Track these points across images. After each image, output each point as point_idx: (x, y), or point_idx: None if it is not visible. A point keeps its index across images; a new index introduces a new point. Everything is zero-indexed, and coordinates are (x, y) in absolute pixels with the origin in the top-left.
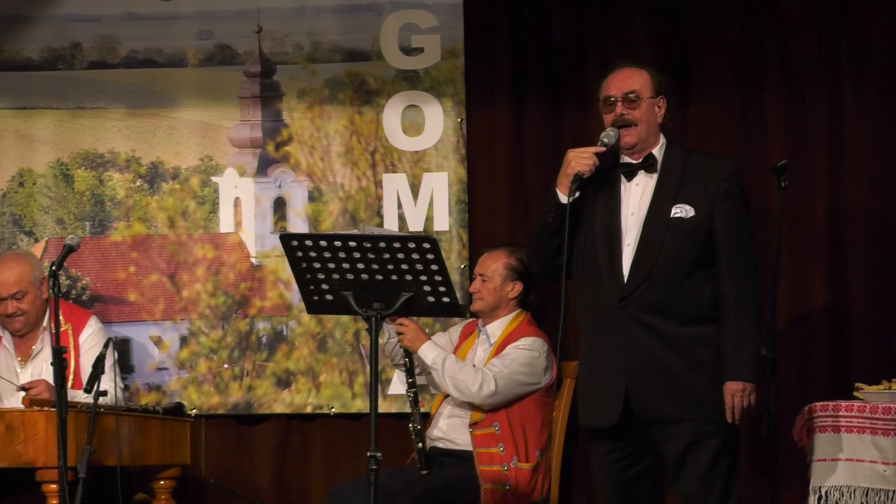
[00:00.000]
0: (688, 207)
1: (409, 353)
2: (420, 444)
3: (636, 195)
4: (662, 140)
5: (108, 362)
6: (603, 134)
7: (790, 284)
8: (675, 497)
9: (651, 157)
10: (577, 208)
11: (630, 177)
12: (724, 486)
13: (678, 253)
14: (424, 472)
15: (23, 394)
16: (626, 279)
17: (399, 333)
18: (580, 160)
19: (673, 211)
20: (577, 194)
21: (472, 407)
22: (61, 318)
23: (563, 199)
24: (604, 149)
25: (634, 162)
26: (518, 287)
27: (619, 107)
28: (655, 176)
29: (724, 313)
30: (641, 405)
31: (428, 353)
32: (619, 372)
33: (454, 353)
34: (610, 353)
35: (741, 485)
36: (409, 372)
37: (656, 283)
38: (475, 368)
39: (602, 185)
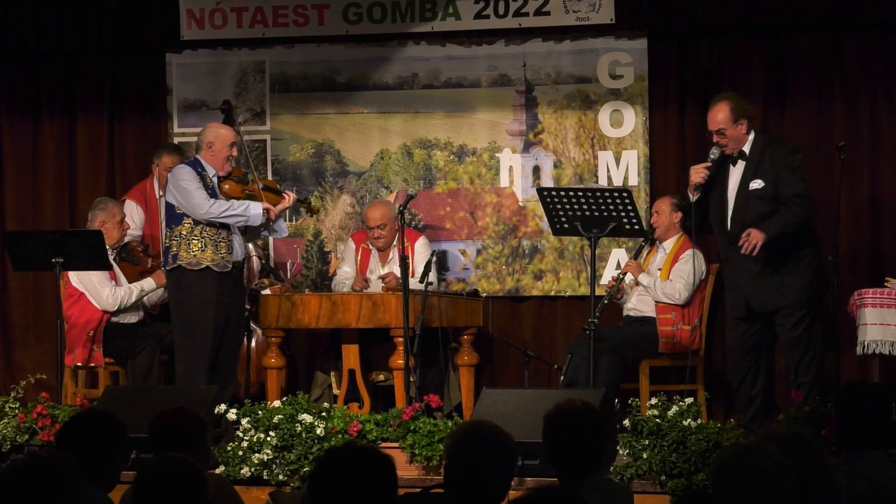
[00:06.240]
0: (760, 181)
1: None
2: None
3: (735, 175)
4: (752, 137)
5: (433, 266)
6: (710, 151)
7: (846, 219)
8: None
9: (742, 151)
10: (710, 184)
11: (734, 164)
12: (814, 347)
13: (758, 212)
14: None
15: (381, 284)
16: (729, 229)
17: (626, 266)
18: (695, 174)
19: (751, 185)
20: (700, 194)
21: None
22: (406, 238)
23: (692, 198)
24: (710, 164)
25: (735, 155)
26: (679, 215)
27: (715, 136)
28: (744, 163)
29: (778, 215)
30: (756, 303)
31: (644, 278)
32: (739, 285)
33: (645, 259)
34: (732, 274)
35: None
36: (618, 281)
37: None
38: (671, 284)
39: (721, 170)
